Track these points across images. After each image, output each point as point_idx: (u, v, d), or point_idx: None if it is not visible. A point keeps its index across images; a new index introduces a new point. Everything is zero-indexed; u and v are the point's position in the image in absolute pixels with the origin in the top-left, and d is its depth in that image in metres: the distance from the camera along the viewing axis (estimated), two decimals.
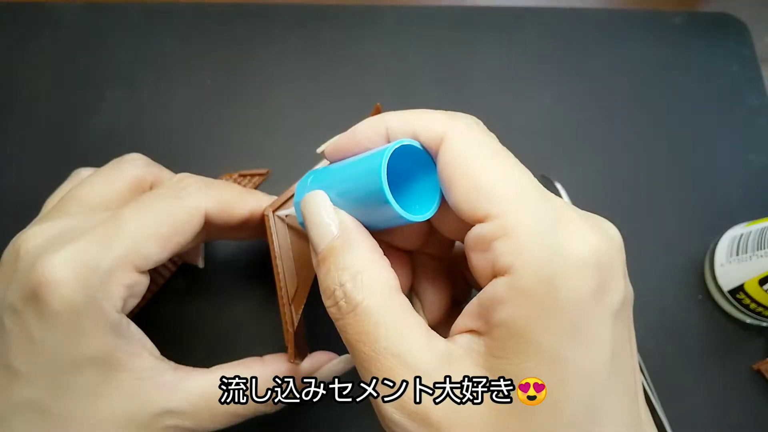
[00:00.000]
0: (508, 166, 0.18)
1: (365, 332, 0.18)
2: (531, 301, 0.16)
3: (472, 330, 0.18)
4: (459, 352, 0.18)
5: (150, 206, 0.23)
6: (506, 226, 0.17)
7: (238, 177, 0.36)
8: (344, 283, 0.19)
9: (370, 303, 0.18)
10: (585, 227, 0.18)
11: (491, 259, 0.17)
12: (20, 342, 0.21)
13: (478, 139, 0.19)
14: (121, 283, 0.22)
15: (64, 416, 0.21)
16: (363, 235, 0.20)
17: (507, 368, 0.17)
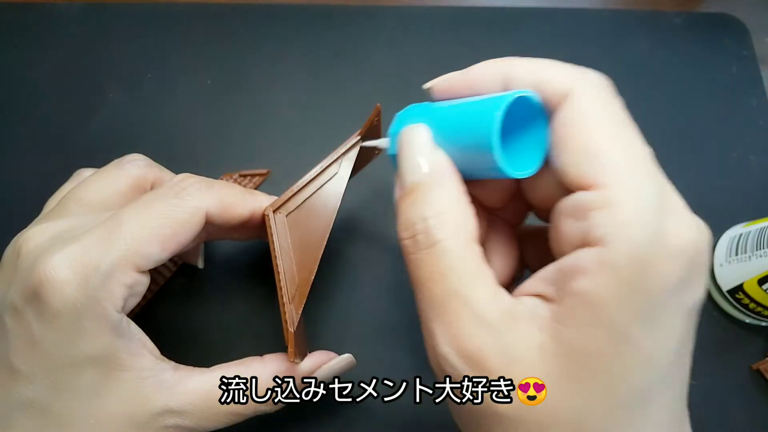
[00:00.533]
0: (627, 137, 0.18)
1: (439, 272, 0.18)
2: (617, 277, 0.16)
3: (540, 294, 0.18)
4: (523, 312, 0.18)
5: (151, 206, 0.23)
6: (611, 198, 0.17)
7: (238, 177, 0.36)
8: (428, 218, 0.19)
9: (450, 244, 0.18)
10: (688, 217, 0.18)
11: (585, 229, 0.17)
12: (21, 341, 0.21)
13: (604, 103, 0.18)
14: (122, 282, 0.22)
15: (65, 415, 0.21)
16: (456, 177, 0.20)
17: (572, 336, 0.17)
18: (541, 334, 0.17)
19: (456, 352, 0.18)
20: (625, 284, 0.16)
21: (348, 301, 0.33)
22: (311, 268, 0.25)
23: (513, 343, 0.17)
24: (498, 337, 0.17)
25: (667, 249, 0.16)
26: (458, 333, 0.18)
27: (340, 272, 0.34)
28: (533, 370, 0.17)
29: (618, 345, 0.16)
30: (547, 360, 0.17)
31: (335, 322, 0.32)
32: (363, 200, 0.35)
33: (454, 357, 0.18)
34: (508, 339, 0.17)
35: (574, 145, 0.18)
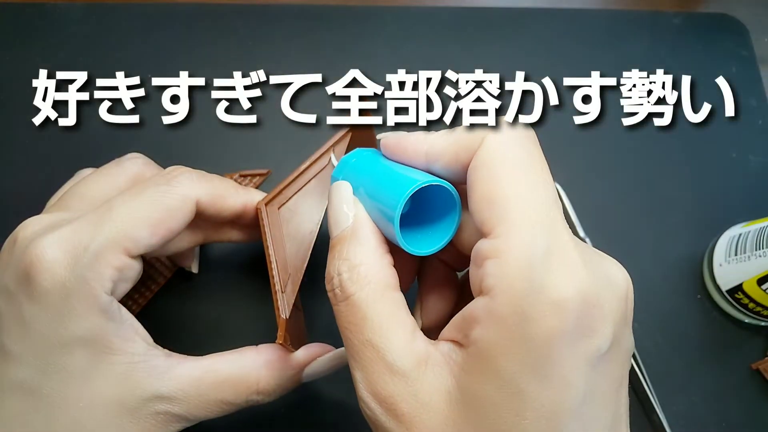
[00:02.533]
0: (529, 183, 0.18)
1: (353, 322, 0.19)
2: (502, 327, 0.17)
3: (454, 340, 0.19)
4: (438, 357, 0.18)
5: (141, 192, 0.23)
6: (500, 247, 0.17)
7: (238, 177, 0.36)
8: (342, 273, 0.20)
9: (361, 296, 0.19)
10: (578, 266, 0.17)
11: (480, 276, 0.18)
12: (12, 322, 0.21)
13: (514, 145, 0.18)
14: (111, 264, 0.22)
15: (54, 397, 0.21)
16: (371, 231, 0.21)
17: (472, 386, 0.17)
18: (451, 380, 0.18)
19: (372, 397, 0.19)
20: (509, 334, 0.16)
21: None
22: (304, 258, 0.26)
23: (423, 389, 0.18)
24: (408, 384, 0.18)
25: (547, 298, 0.16)
26: (373, 380, 0.19)
27: None
28: (440, 416, 0.17)
29: (511, 397, 0.17)
30: (453, 406, 0.17)
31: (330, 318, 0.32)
32: None
33: (371, 401, 0.19)
34: (418, 385, 0.18)
35: (479, 191, 0.18)
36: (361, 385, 0.19)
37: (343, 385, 0.28)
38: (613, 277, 0.18)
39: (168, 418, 0.23)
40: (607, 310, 0.17)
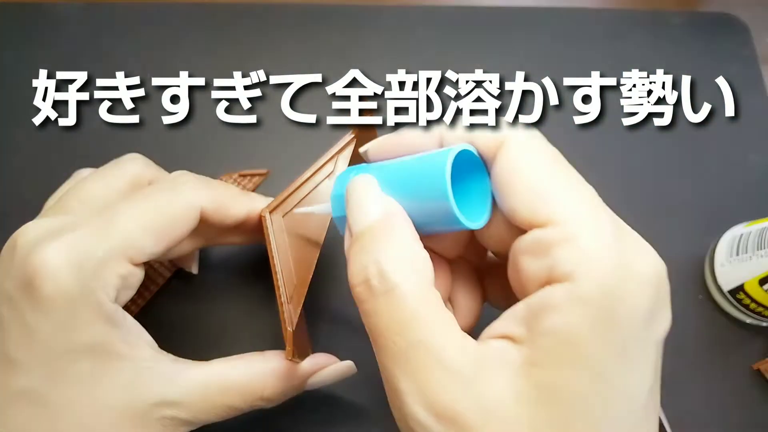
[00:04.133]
0: (569, 174, 0.18)
1: (398, 320, 0.17)
2: (590, 310, 0.16)
3: (507, 336, 0.17)
4: (493, 356, 0.17)
5: (146, 200, 0.23)
6: (570, 232, 0.16)
7: (238, 177, 0.36)
8: (381, 261, 0.17)
9: (407, 288, 0.17)
10: (645, 245, 0.17)
11: (548, 265, 0.16)
12: (16, 331, 0.21)
13: (539, 146, 0.18)
14: (116, 272, 0.22)
15: (61, 404, 0.21)
16: (408, 223, 0.19)
17: (549, 379, 0.16)
18: (516, 378, 0.16)
19: (426, 410, 0.16)
20: (599, 318, 0.16)
21: (347, 307, 0.33)
22: (309, 268, 0.25)
23: (487, 393, 0.16)
24: (471, 389, 0.16)
25: (634, 278, 0.16)
26: (429, 388, 0.16)
27: (339, 278, 0.34)
28: (511, 420, 0.16)
29: (598, 383, 0.16)
30: (525, 407, 0.16)
31: (334, 325, 0.32)
32: None
33: (425, 417, 0.16)
34: (481, 389, 0.16)
35: (520, 187, 0.18)
36: (410, 398, 0.16)
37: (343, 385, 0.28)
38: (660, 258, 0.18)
39: (174, 422, 0.23)
40: (668, 292, 0.18)
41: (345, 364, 0.26)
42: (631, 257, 0.17)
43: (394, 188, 0.20)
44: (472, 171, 0.20)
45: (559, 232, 0.17)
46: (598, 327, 0.16)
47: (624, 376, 0.16)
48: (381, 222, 0.19)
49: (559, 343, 0.16)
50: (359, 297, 0.18)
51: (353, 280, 0.18)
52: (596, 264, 0.16)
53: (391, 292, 0.17)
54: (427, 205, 0.18)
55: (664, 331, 0.17)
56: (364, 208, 0.19)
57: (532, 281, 0.17)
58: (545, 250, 0.17)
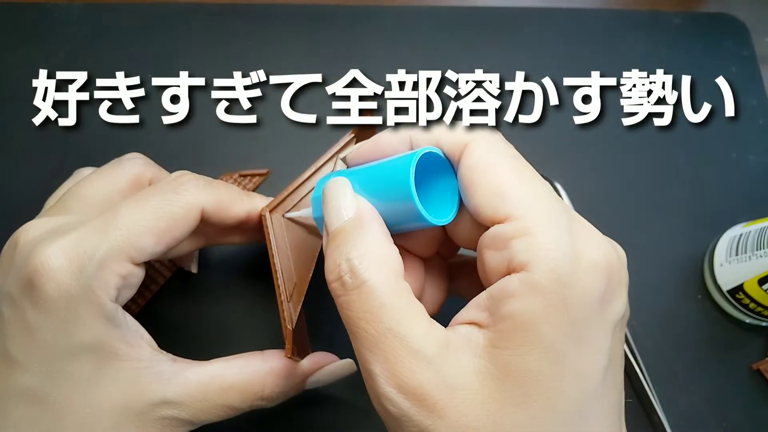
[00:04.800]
0: (528, 173, 0.20)
1: (369, 310, 0.18)
2: (542, 296, 0.17)
3: (473, 322, 0.19)
4: (458, 340, 0.18)
5: (147, 200, 0.23)
6: (525, 226, 0.18)
7: (238, 177, 0.36)
8: (352, 258, 0.19)
9: (377, 282, 0.19)
10: (597, 235, 0.19)
11: (507, 257, 0.18)
12: (17, 330, 0.21)
13: (499, 147, 0.20)
14: (116, 272, 0.22)
15: (61, 404, 0.21)
16: (378, 221, 0.20)
17: (508, 359, 0.17)
18: (478, 359, 0.18)
19: (397, 390, 0.18)
20: (552, 303, 0.17)
21: None
22: (309, 267, 0.25)
23: (452, 373, 0.18)
24: (436, 369, 0.18)
25: (584, 265, 0.18)
26: (397, 371, 0.18)
27: None
28: (475, 396, 0.17)
29: (552, 362, 0.17)
30: (486, 384, 0.17)
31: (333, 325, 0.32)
32: None
33: (396, 395, 0.18)
34: (446, 369, 0.18)
35: (482, 186, 0.19)
36: (381, 379, 0.18)
37: (342, 385, 0.28)
38: (618, 248, 0.19)
39: (174, 422, 0.23)
40: (622, 277, 0.19)
41: (344, 363, 0.26)
42: (583, 247, 0.18)
43: (367, 190, 0.21)
44: (442, 171, 0.21)
45: (516, 226, 0.18)
46: (551, 311, 0.17)
47: (577, 356, 0.17)
48: (353, 221, 0.20)
49: (517, 327, 0.17)
50: (335, 292, 0.20)
51: (329, 277, 0.20)
52: (549, 254, 0.17)
53: (362, 286, 0.19)
54: (396, 204, 0.20)
55: (619, 314, 0.18)
56: (338, 209, 0.21)
57: (495, 272, 0.19)
58: (504, 243, 0.18)
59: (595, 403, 0.18)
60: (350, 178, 0.22)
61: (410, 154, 0.20)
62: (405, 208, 0.20)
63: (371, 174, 0.21)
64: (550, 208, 0.19)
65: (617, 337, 0.19)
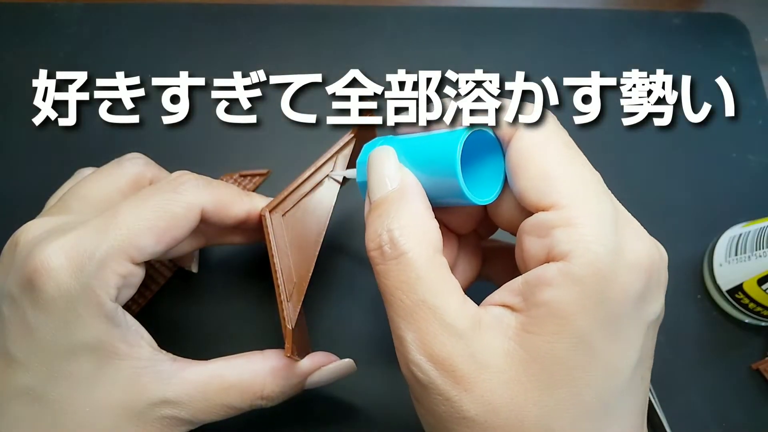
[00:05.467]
0: (578, 161, 0.19)
1: (406, 281, 0.19)
2: (580, 288, 0.17)
3: (506, 305, 0.19)
4: (489, 320, 0.18)
5: (147, 200, 0.23)
6: (570, 217, 0.18)
7: (238, 177, 0.36)
8: (393, 229, 0.19)
9: (415, 254, 0.19)
10: (644, 233, 0.19)
11: (548, 245, 0.18)
12: (17, 329, 0.21)
13: (552, 132, 0.20)
14: (116, 272, 0.22)
15: (60, 403, 0.21)
16: (421, 194, 0.20)
17: (538, 344, 0.17)
18: (508, 341, 0.18)
19: (427, 359, 0.18)
20: (588, 295, 0.17)
21: (346, 306, 0.33)
22: (308, 266, 0.25)
23: (481, 350, 0.18)
24: (466, 344, 0.18)
25: (626, 262, 0.18)
26: (428, 341, 0.18)
27: (338, 276, 0.34)
28: (501, 375, 0.17)
29: (582, 353, 0.17)
30: (514, 366, 0.18)
31: (333, 324, 0.32)
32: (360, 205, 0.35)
33: (425, 364, 0.18)
34: (476, 346, 0.18)
35: (530, 171, 0.19)
36: (413, 346, 0.18)
37: (342, 385, 0.28)
38: (662, 248, 0.19)
39: (173, 422, 0.23)
40: (663, 278, 0.19)
41: (344, 363, 0.26)
42: (627, 243, 0.18)
43: (412, 161, 0.21)
44: (490, 150, 0.21)
45: (561, 215, 0.18)
46: (588, 303, 0.17)
47: (609, 350, 0.17)
48: (396, 192, 0.20)
49: (550, 314, 0.17)
50: (374, 260, 0.20)
51: (369, 245, 0.20)
52: (591, 246, 0.17)
53: (401, 257, 0.19)
54: (439, 180, 0.20)
55: (655, 315, 0.18)
56: (383, 179, 0.21)
57: (533, 259, 0.19)
58: (546, 231, 0.18)
59: (622, 399, 0.18)
60: (396, 147, 0.22)
61: (460, 130, 0.20)
62: (448, 184, 0.20)
63: (418, 145, 0.21)
64: (597, 201, 0.18)
65: (650, 336, 0.19)
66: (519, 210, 0.20)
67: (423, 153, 0.21)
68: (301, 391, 0.26)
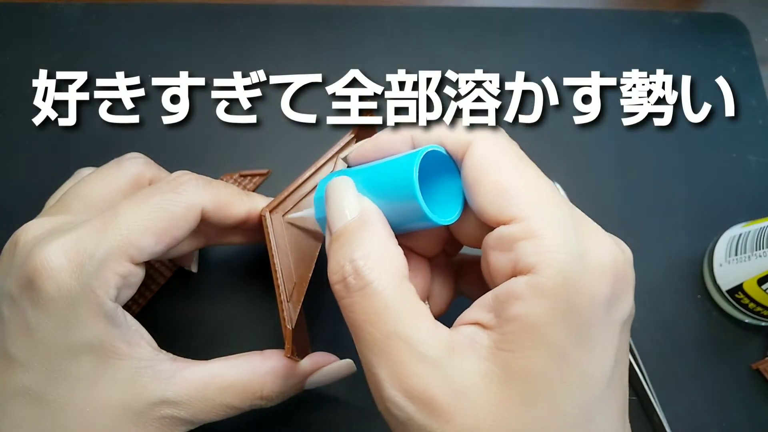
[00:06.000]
0: (532, 173, 0.19)
1: (374, 312, 0.18)
2: (549, 299, 0.17)
3: (478, 323, 0.19)
4: (463, 342, 0.18)
5: (147, 200, 0.23)
6: (532, 228, 0.18)
7: (238, 177, 0.36)
8: (356, 259, 0.19)
9: (381, 283, 0.18)
10: (604, 236, 0.19)
11: (513, 259, 0.18)
12: (17, 329, 0.21)
13: (503, 145, 0.20)
14: (116, 272, 0.22)
15: (60, 403, 0.21)
16: (382, 222, 0.20)
17: (513, 361, 0.17)
18: (483, 361, 0.18)
19: (403, 394, 0.17)
20: (558, 306, 0.17)
21: None
22: (309, 267, 0.25)
23: (457, 376, 0.17)
24: (442, 373, 0.17)
25: (591, 267, 0.17)
26: (403, 374, 0.17)
27: None
28: (480, 399, 0.17)
29: (558, 364, 0.17)
30: (492, 386, 0.17)
31: (333, 324, 0.32)
32: None
33: (402, 399, 0.17)
34: (452, 373, 0.17)
35: (486, 187, 0.19)
36: (387, 383, 0.18)
37: (342, 385, 0.28)
38: (624, 247, 0.19)
39: (173, 422, 0.23)
40: (629, 276, 0.19)
41: (344, 363, 0.26)
42: (589, 248, 0.18)
43: (370, 189, 0.21)
44: (446, 170, 0.21)
45: (522, 227, 0.18)
46: (558, 314, 0.17)
47: (583, 358, 0.17)
48: (356, 222, 0.20)
49: (523, 329, 0.17)
50: (338, 294, 0.19)
51: (332, 278, 0.19)
52: (555, 256, 0.17)
53: (366, 288, 0.18)
54: (400, 204, 0.20)
55: (625, 315, 0.18)
56: (341, 209, 0.20)
57: (500, 274, 0.19)
58: (510, 245, 0.18)
59: (602, 404, 0.18)
60: (353, 178, 0.22)
61: (413, 152, 0.20)
62: (409, 207, 0.19)
63: (374, 173, 0.21)
64: (555, 209, 0.18)
65: (623, 337, 0.18)
66: (481, 225, 0.20)
67: (380, 180, 0.21)
68: (301, 391, 0.26)
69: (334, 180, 0.21)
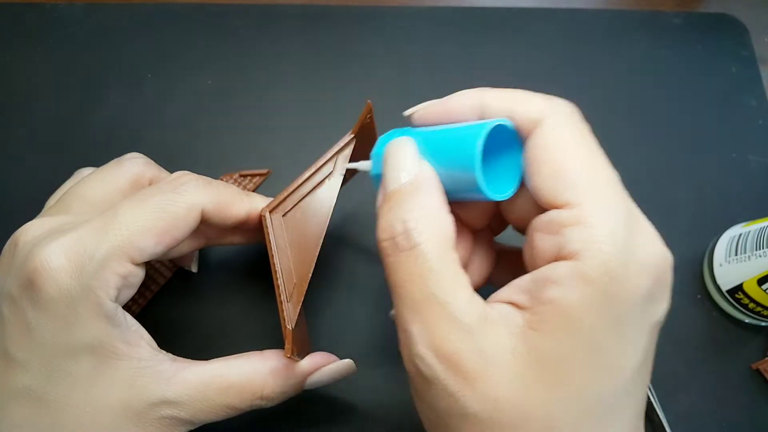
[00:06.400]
0: (596, 160, 0.19)
1: (417, 274, 0.18)
2: (589, 287, 0.17)
3: (512, 302, 0.19)
4: (496, 317, 0.18)
5: (147, 200, 0.23)
6: (582, 215, 0.18)
7: (238, 177, 0.36)
8: (408, 220, 0.19)
9: (429, 247, 0.19)
10: (655, 234, 0.19)
11: (559, 243, 0.18)
12: (17, 329, 0.21)
13: (573, 128, 0.19)
14: (116, 272, 0.22)
15: (60, 403, 0.21)
16: (437, 187, 0.20)
17: (544, 343, 0.17)
18: (514, 338, 0.18)
19: (433, 353, 0.18)
20: (597, 295, 0.17)
21: (347, 306, 0.33)
22: (308, 267, 0.25)
23: (487, 346, 0.18)
24: (473, 340, 0.18)
25: (636, 263, 0.17)
26: (436, 335, 0.18)
27: (338, 277, 0.34)
28: (506, 372, 0.17)
29: (588, 352, 0.17)
30: (520, 363, 0.17)
31: (333, 325, 0.32)
32: (359, 205, 0.35)
33: (431, 358, 0.18)
34: (482, 342, 0.18)
35: (546, 167, 0.19)
36: (418, 339, 0.18)
37: (342, 385, 0.28)
38: (667, 250, 0.19)
39: (173, 422, 0.23)
40: (669, 280, 0.19)
41: (344, 363, 0.26)
42: (637, 244, 0.18)
43: (431, 154, 0.21)
44: (509, 143, 0.20)
45: (574, 213, 0.18)
46: (595, 303, 0.17)
47: (614, 350, 0.17)
48: (412, 184, 0.20)
49: (557, 313, 0.17)
50: (384, 251, 0.19)
51: (381, 235, 0.20)
52: (602, 246, 0.17)
53: (414, 249, 0.19)
54: (457, 174, 0.20)
55: (660, 315, 0.18)
56: (399, 170, 0.20)
57: (543, 257, 0.19)
58: (557, 229, 0.18)
59: (624, 399, 0.18)
60: (414, 138, 0.21)
61: (480, 125, 0.19)
62: (467, 179, 0.19)
63: (437, 139, 0.21)
64: (611, 200, 0.18)
65: (652, 339, 0.19)
66: (532, 206, 0.20)
67: (442, 147, 0.20)
68: (301, 391, 0.26)
69: (397, 140, 0.21)
